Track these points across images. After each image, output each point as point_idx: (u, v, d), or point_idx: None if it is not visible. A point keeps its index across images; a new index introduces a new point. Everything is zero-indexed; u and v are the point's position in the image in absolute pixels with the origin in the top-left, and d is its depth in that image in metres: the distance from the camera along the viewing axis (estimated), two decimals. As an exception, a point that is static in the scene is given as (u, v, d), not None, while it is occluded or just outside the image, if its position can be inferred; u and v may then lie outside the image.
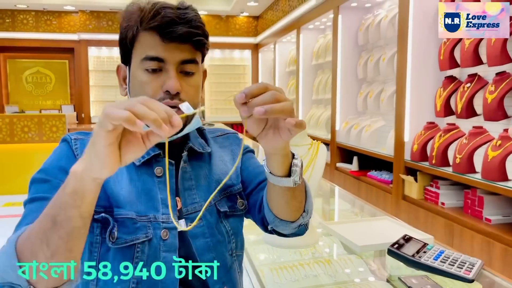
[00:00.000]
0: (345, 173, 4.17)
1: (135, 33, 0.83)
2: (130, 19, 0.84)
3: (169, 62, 0.81)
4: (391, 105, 3.61)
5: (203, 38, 0.84)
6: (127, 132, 0.58)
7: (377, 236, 1.37)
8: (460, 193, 2.71)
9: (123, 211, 0.82)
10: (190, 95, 0.84)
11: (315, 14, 5.10)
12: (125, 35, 0.85)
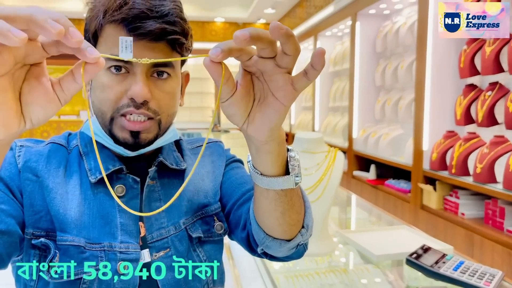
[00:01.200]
0: (362, 181, 4.13)
1: (98, 26, 0.68)
2: (93, 9, 0.70)
3: (137, 63, 0.67)
4: (410, 113, 3.56)
5: (180, 37, 0.69)
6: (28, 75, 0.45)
7: (394, 245, 1.35)
8: (480, 204, 2.65)
9: (69, 236, 0.68)
10: (162, 103, 0.70)
11: (332, 21, 5.09)
12: (87, 28, 0.71)
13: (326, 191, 1.27)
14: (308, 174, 1.29)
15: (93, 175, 0.73)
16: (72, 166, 0.74)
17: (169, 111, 0.73)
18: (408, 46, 3.74)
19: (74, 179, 0.73)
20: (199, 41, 8.37)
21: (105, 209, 0.72)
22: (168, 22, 0.67)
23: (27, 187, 0.69)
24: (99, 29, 0.69)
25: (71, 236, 0.68)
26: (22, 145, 0.74)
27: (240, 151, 3.79)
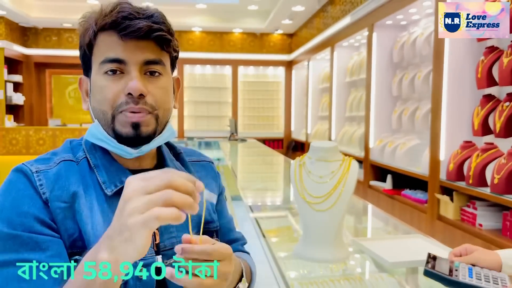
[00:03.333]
0: (379, 191, 4.11)
1: (92, 36, 0.74)
2: (86, 22, 0.76)
3: (131, 62, 0.73)
4: (426, 123, 3.55)
5: (166, 34, 0.75)
6: None
7: (408, 253, 1.36)
8: (498, 215, 2.62)
9: None
10: (157, 98, 0.76)
11: (349, 31, 5.12)
12: (82, 42, 0.77)
13: (340, 199, 1.29)
14: (322, 182, 1.31)
15: (108, 188, 0.75)
16: (85, 179, 0.76)
17: (165, 106, 0.78)
18: (425, 56, 3.74)
19: (91, 193, 0.75)
20: (217, 51, 8.48)
21: None
22: (154, 22, 0.73)
23: (58, 216, 0.71)
24: (93, 38, 0.75)
25: None
26: (38, 170, 0.73)
27: (257, 159, 3.86)
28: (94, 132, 0.77)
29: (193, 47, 8.44)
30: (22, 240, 0.66)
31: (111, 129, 0.75)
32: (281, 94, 8.89)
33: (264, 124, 8.92)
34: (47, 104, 8.60)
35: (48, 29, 8.23)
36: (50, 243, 0.67)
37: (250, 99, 8.79)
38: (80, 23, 0.77)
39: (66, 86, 8.55)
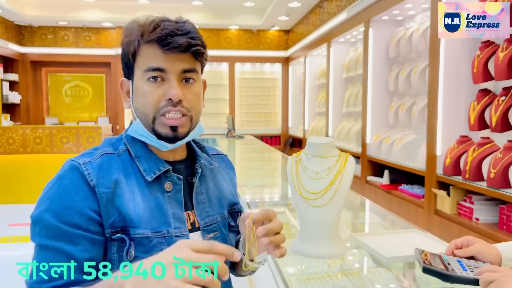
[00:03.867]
0: (376, 186, 4.12)
1: (137, 46, 0.86)
2: (131, 34, 0.87)
3: (170, 71, 0.85)
4: (423, 119, 3.56)
5: (201, 48, 0.88)
6: None
7: (405, 248, 1.37)
8: (495, 209, 2.64)
9: (139, 231, 0.83)
10: (192, 102, 0.89)
11: (345, 27, 5.12)
12: (127, 50, 0.88)
13: (336, 195, 1.29)
14: (319, 178, 1.32)
15: (148, 175, 0.87)
16: (126, 169, 0.88)
17: (197, 109, 0.92)
18: (421, 52, 3.75)
19: (132, 180, 0.87)
20: (214, 48, 8.47)
21: (160, 203, 0.87)
22: (191, 37, 0.86)
23: (102, 199, 0.82)
24: (137, 49, 0.87)
25: (141, 229, 0.83)
26: (84, 162, 0.85)
27: (254, 156, 3.87)
28: (136, 129, 0.90)
29: (189, 44, 8.42)
30: (61, 232, 0.78)
31: (151, 129, 0.88)
32: (278, 90, 8.88)
33: (261, 120, 8.91)
34: (43, 103, 8.57)
35: (43, 27, 8.19)
36: (82, 239, 0.79)
37: (247, 96, 8.78)
38: (125, 34, 0.89)
39: (63, 84, 8.52)
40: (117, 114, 8.28)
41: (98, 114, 8.54)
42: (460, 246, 1.08)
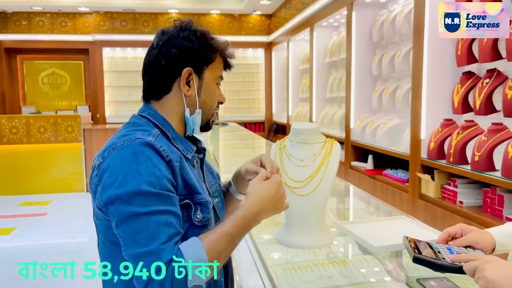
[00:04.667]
0: (360, 172, 4.12)
1: (216, 56, 1.06)
2: (218, 45, 1.06)
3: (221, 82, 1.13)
4: (407, 103, 3.54)
5: None
6: None
7: (393, 236, 1.33)
8: (479, 192, 2.64)
9: (201, 196, 1.00)
10: None
11: (328, 11, 5.05)
12: (210, 55, 1.05)
13: (322, 182, 1.25)
14: (304, 165, 1.27)
15: (187, 153, 1.03)
16: (171, 147, 0.99)
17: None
18: (405, 35, 3.71)
19: (181, 156, 1.00)
20: (194, 33, 8.29)
21: (199, 174, 1.08)
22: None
23: (175, 171, 0.95)
24: (215, 58, 1.06)
25: (200, 195, 0.99)
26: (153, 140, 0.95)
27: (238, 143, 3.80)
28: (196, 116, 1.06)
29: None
30: (163, 197, 0.89)
31: (206, 119, 1.09)
32: (261, 76, 8.79)
33: (245, 107, 8.83)
34: (19, 91, 8.31)
35: (17, 13, 7.90)
36: (176, 199, 0.93)
37: (230, 82, 8.67)
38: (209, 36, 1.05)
39: (39, 72, 8.26)
40: (97, 103, 8.08)
41: (78, 103, 8.33)
42: (454, 234, 1.05)
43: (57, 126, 6.44)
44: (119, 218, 0.87)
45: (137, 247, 0.85)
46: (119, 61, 8.21)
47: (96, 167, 0.94)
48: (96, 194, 0.93)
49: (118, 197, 0.87)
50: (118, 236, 0.89)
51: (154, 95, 1.06)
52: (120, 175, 0.88)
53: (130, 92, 8.20)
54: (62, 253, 4.02)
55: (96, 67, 8.01)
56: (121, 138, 0.94)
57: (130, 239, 0.86)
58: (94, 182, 0.94)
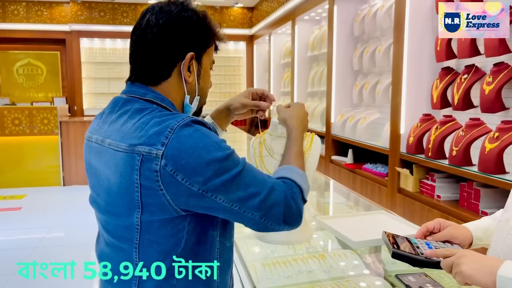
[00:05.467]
0: (340, 166, 4.14)
1: (212, 42, 1.04)
2: (215, 30, 1.03)
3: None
4: (387, 97, 3.57)
5: None
6: None
7: (373, 231, 1.33)
8: (456, 186, 2.68)
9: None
10: None
11: (310, 4, 5.03)
12: (209, 39, 1.02)
13: (302, 177, 1.23)
14: (284, 159, 1.25)
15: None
16: None
17: None
18: (386, 29, 3.72)
19: None
20: (175, 25, 8.17)
21: None
22: None
23: None
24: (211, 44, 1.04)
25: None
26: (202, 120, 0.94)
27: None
28: (195, 103, 1.04)
29: (150, 20, 8.11)
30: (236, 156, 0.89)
31: (200, 106, 1.07)
32: (242, 70, 8.74)
33: (226, 100, 8.75)
34: (-7, 82, 8.06)
35: (-10, 0, 7.63)
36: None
37: (211, 75, 8.58)
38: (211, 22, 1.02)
39: (14, 62, 8.02)
40: (75, 94, 7.90)
41: (54, 94, 8.12)
42: (432, 229, 1.05)
43: (33, 118, 6.27)
44: (228, 186, 0.84)
45: (258, 196, 0.87)
46: (97, 52, 8.03)
47: (160, 157, 0.82)
48: (167, 186, 0.83)
49: (217, 170, 0.83)
50: (230, 204, 0.86)
51: (151, 80, 0.96)
52: (202, 151, 0.83)
53: (108, 84, 8.05)
54: (37, 249, 3.92)
55: (74, 58, 7.82)
56: (170, 122, 0.85)
57: (247, 194, 0.86)
58: (163, 174, 0.82)
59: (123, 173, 0.85)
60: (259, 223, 0.88)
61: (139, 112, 0.90)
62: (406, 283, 1.04)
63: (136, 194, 0.85)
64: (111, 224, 0.94)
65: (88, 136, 1.02)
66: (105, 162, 0.91)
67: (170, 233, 0.87)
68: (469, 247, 1.06)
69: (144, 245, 0.89)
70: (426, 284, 1.04)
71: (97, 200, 0.97)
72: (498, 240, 0.99)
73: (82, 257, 4.14)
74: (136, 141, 0.84)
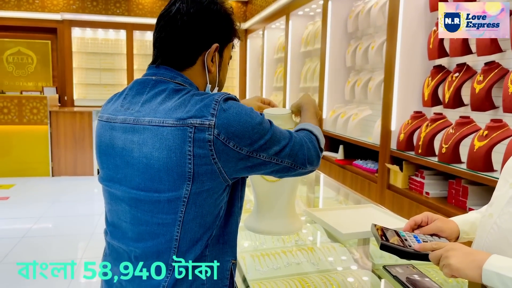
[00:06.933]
0: (331, 161, 4.15)
1: (234, 37, 1.09)
2: (236, 27, 1.09)
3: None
4: (379, 94, 3.58)
5: None
6: None
7: (361, 224, 1.34)
8: (444, 183, 2.71)
9: None
10: None
11: (304, 0, 5.03)
12: (231, 34, 1.08)
13: (293, 169, 1.24)
14: (275, 150, 1.25)
15: None
16: None
17: None
18: (379, 27, 3.73)
19: None
20: (168, 17, 8.10)
21: None
22: None
23: None
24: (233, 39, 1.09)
25: None
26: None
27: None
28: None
29: (143, 11, 8.04)
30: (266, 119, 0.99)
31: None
32: (235, 64, 8.71)
33: (218, 94, 8.75)
34: (-18, 70, 7.93)
35: (-20, -13, 7.50)
36: None
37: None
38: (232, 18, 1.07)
39: (3, 50, 7.90)
40: (65, 84, 7.81)
41: (44, 84, 8.02)
42: (420, 222, 1.06)
43: (22, 107, 6.19)
44: (268, 144, 0.95)
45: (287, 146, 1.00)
46: (89, 42, 7.94)
47: (212, 127, 0.89)
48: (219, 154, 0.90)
49: (259, 132, 0.94)
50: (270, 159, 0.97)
51: (177, 65, 1.01)
52: (247, 117, 0.92)
53: (100, 74, 7.97)
54: (24, 239, 3.89)
55: (65, 47, 7.72)
56: (212, 96, 0.93)
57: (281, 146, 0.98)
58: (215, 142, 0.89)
59: (171, 147, 0.89)
60: (290, 168, 1.01)
61: (176, 92, 0.95)
62: (394, 274, 1.05)
63: (188, 166, 0.89)
64: (148, 202, 0.93)
65: (107, 117, 1.02)
66: (142, 140, 0.92)
67: (213, 204, 0.94)
68: (456, 240, 1.08)
69: (189, 217, 0.92)
70: (413, 275, 1.05)
71: (122, 181, 0.97)
72: (482, 234, 1.00)
73: (68, 249, 4.09)
74: (184, 115, 0.89)
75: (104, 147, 1.00)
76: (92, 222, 4.43)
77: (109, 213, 1.04)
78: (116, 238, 1.01)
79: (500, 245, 0.93)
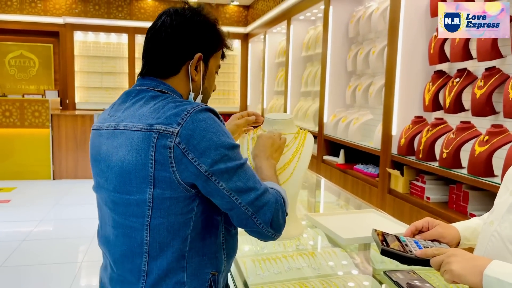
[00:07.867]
0: (332, 166, 4.16)
1: (221, 46, 1.12)
2: (223, 35, 1.12)
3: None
4: (380, 99, 3.59)
5: None
6: None
7: (362, 229, 1.34)
8: (445, 188, 2.71)
9: None
10: None
11: (306, 4, 5.05)
12: (217, 44, 1.10)
13: (295, 173, 1.24)
14: (277, 156, 1.25)
15: None
16: None
17: None
18: (380, 31, 3.75)
19: None
20: (170, 21, 8.12)
21: None
22: None
23: None
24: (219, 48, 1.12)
25: None
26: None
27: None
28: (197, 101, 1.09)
29: (145, 15, 8.07)
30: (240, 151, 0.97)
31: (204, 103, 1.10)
32: (237, 68, 8.73)
33: (220, 98, 8.77)
34: (-16, 73, 7.96)
35: (-17, -10, 7.54)
36: None
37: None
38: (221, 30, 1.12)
39: (6, 53, 7.93)
40: (67, 88, 7.83)
41: (46, 87, 8.05)
42: (421, 227, 1.06)
43: (24, 110, 6.21)
44: (230, 174, 0.92)
45: (255, 191, 0.93)
46: (91, 46, 7.97)
47: (175, 135, 0.90)
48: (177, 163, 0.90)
49: (223, 155, 0.91)
50: (229, 193, 0.92)
51: (161, 73, 1.05)
52: (213, 135, 0.91)
53: (101, 78, 7.99)
54: (25, 242, 3.89)
55: (67, 51, 7.75)
56: (186, 106, 0.94)
57: (246, 187, 0.93)
58: (175, 150, 0.90)
59: (139, 150, 0.92)
60: (248, 219, 0.94)
61: (154, 98, 0.99)
62: (394, 279, 1.05)
63: (150, 170, 0.91)
64: (122, 204, 0.97)
65: (97, 126, 1.08)
66: (119, 144, 0.97)
67: (180, 212, 0.93)
68: (457, 246, 1.08)
69: (155, 222, 0.94)
70: (414, 280, 1.05)
71: (104, 185, 1.01)
72: (483, 241, 1.00)
73: (69, 252, 4.09)
74: (153, 121, 0.92)
75: (94, 155, 1.06)
76: (93, 225, 4.41)
77: (99, 220, 1.10)
78: (104, 244, 1.06)
79: (500, 252, 0.93)
